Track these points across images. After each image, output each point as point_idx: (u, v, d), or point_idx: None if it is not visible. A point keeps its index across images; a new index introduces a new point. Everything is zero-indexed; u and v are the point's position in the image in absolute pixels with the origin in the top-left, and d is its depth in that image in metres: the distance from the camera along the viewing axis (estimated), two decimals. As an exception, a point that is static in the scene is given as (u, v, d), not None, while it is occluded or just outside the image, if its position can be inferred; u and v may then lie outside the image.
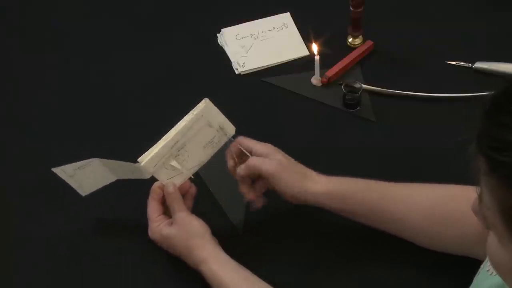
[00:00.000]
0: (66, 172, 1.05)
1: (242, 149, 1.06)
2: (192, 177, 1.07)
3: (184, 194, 1.07)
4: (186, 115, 1.05)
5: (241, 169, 1.05)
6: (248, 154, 1.06)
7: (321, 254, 1.08)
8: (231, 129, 1.09)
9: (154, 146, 1.03)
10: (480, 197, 0.65)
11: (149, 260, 1.09)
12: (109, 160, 1.04)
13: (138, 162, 1.03)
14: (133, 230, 1.12)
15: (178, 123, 1.05)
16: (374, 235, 1.04)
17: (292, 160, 1.06)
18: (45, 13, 1.50)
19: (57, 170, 1.06)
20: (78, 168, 1.04)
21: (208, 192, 1.15)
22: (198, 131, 1.06)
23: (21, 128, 1.30)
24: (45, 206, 1.17)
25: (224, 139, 1.08)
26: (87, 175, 1.06)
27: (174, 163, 1.04)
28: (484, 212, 0.65)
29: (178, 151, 1.05)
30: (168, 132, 1.04)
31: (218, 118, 1.07)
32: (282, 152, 1.06)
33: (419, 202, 1.00)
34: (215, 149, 1.08)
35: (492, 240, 0.66)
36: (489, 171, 0.61)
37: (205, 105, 1.05)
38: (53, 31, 1.46)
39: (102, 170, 1.05)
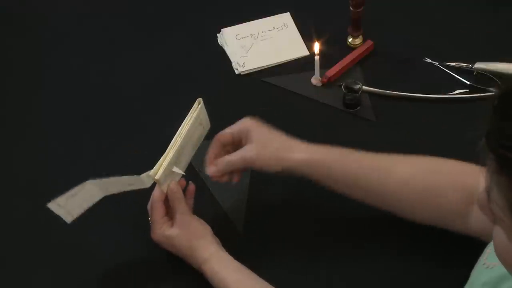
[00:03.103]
0: (60, 204, 1.00)
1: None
2: (184, 173, 1.07)
3: (184, 193, 1.07)
4: (186, 118, 1.05)
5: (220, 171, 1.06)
6: None
7: (322, 254, 1.08)
8: (209, 124, 1.11)
9: (163, 156, 1.03)
10: (488, 193, 0.65)
11: (150, 260, 1.09)
12: (104, 179, 1.01)
13: (147, 174, 1.02)
14: (134, 230, 1.12)
15: (180, 128, 1.04)
16: (372, 232, 1.04)
17: (274, 132, 1.06)
18: (45, 13, 1.50)
19: (52, 206, 0.99)
20: (71, 196, 1.00)
21: (208, 192, 1.15)
22: (194, 132, 1.06)
23: (21, 128, 1.30)
24: (45, 206, 1.16)
25: (204, 134, 1.10)
26: (77, 201, 1.02)
27: (175, 169, 1.05)
28: (492, 207, 0.65)
29: (179, 156, 1.05)
30: (173, 140, 1.04)
31: (205, 116, 1.09)
32: (261, 125, 1.06)
33: (398, 171, 1.01)
34: (198, 145, 1.10)
35: (499, 235, 0.66)
36: (499, 170, 0.61)
37: (200, 106, 1.06)
38: (53, 31, 1.46)
39: (93, 191, 1.02)
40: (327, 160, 1.03)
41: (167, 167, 1.02)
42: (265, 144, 1.04)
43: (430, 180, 1.00)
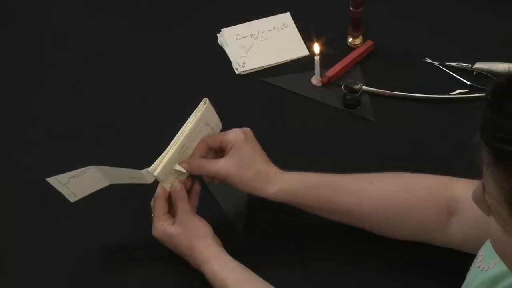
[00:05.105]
0: (60, 181, 1.02)
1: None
2: (188, 173, 1.07)
3: (188, 192, 1.07)
4: (190, 117, 1.05)
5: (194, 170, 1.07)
6: None
7: (322, 254, 1.08)
8: (220, 125, 1.11)
9: (163, 153, 1.03)
10: (483, 186, 0.65)
11: (151, 257, 1.09)
12: (108, 167, 1.02)
13: (147, 170, 1.02)
14: (135, 227, 1.12)
15: (183, 126, 1.05)
16: (371, 234, 1.04)
17: (257, 153, 1.06)
18: (45, 12, 1.50)
19: (51, 180, 1.01)
20: (73, 176, 1.01)
21: (209, 192, 1.15)
22: (199, 131, 1.06)
23: (21, 128, 1.30)
24: (45, 206, 1.17)
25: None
26: (80, 183, 1.03)
27: (178, 167, 1.05)
28: (488, 201, 0.65)
29: (182, 154, 1.05)
30: (175, 137, 1.04)
31: (214, 117, 1.09)
32: (250, 140, 1.07)
33: (373, 193, 1.02)
34: None
35: (495, 228, 0.66)
36: (495, 162, 0.61)
37: (206, 106, 1.06)
38: (53, 31, 1.46)
39: (97, 177, 1.03)
40: (301, 189, 1.04)
41: (166, 164, 1.02)
42: (242, 167, 1.05)
43: (407, 197, 1.01)
